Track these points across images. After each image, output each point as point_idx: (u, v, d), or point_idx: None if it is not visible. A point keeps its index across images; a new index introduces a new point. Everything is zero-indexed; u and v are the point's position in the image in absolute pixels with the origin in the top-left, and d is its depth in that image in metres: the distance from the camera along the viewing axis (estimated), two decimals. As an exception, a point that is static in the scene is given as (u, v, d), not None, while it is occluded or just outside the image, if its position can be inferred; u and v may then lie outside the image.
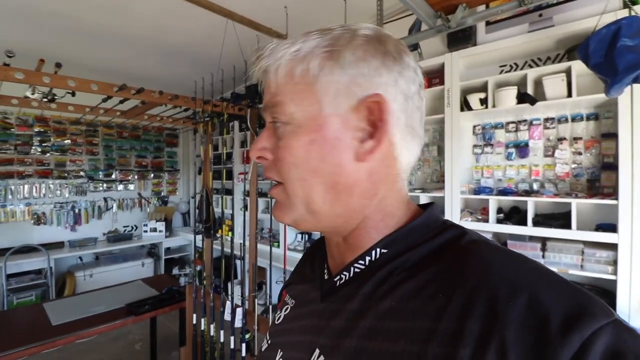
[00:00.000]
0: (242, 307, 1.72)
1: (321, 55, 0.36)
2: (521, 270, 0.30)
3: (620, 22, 1.20)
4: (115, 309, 2.07)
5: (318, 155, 0.36)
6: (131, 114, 2.50)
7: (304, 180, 0.37)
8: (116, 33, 2.54)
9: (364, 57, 0.36)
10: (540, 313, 0.26)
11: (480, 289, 0.29)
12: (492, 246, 0.34)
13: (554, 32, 1.88)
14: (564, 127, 2.02)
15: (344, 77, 0.36)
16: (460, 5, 1.47)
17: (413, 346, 0.30)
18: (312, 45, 0.37)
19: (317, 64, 0.36)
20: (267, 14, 2.48)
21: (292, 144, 0.37)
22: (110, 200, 4.50)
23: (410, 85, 0.38)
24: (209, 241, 2.59)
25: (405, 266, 0.36)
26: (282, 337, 0.45)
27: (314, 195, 0.37)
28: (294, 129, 0.37)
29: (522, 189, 2.12)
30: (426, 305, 0.31)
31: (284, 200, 0.40)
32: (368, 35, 0.37)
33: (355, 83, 0.36)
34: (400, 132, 0.37)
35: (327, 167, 0.36)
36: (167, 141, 5.18)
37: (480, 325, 0.27)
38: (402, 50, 0.38)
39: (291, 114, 0.37)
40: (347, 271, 0.40)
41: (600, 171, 1.89)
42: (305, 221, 0.40)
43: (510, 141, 2.21)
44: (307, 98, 0.36)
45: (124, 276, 3.79)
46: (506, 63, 2.23)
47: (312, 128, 0.36)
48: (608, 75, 1.19)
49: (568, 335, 0.24)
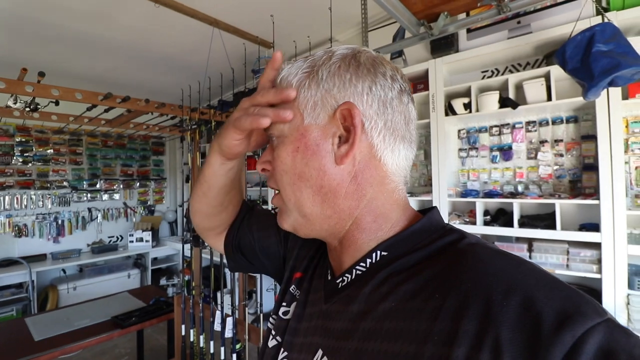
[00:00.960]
0: (233, 316, 1.70)
1: (301, 74, 0.41)
2: (516, 272, 0.31)
3: (594, 29, 1.25)
4: (100, 322, 2.01)
5: (302, 160, 0.40)
6: (116, 123, 2.46)
7: (293, 185, 0.41)
8: (100, 41, 2.51)
9: (337, 72, 0.40)
10: (534, 313, 0.26)
11: (476, 289, 0.30)
12: (489, 248, 0.35)
13: (532, 39, 1.94)
14: (545, 129, 2.08)
15: (320, 91, 0.40)
16: (442, 13, 1.50)
17: (410, 346, 0.30)
18: (295, 67, 0.42)
19: (297, 82, 0.41)
20: (253, 22, 2.49)
21: (281, 153, 0.42)
22: (94, 211, 4.39)
23: (387, 91, 0.40)
24: (197, 250, 2.55)
25: (404, 268, 0.37)
26: (287, 337, 0.47)
27: (304, 199, 0.41)
28: (283, 140, 0.42)
29: (507, 191, 2.17)
30: (423, 306, 0.32)
31: (282, 207, 0.44)
32: (344, 53, 0.41)
33: (330, 95, 0.40)
34: (380, 134, 0.40)
35: (311, 171, 0.40)
36: (154, 149, 5.11)
37: (475, 325, 0.28)
38: (377, 62, 0.41)
39: (281, 129, 0.42)
40: (349, 273, 0.41)
41: (582, 172, 1.95)
42: (301, 225, 0.43)
43: (494, 144, 2.26)
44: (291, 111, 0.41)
45: (110, 288, 3.69)
46: (488, 68, 2.29)
47: (295, 137, 0.41)
48: (585, 79, 1.23)
49: (560, 333, 0.25)
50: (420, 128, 2.48)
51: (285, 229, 0.45)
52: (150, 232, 4.50)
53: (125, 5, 2.12)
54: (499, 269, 0.31)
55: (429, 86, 2.26)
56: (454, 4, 1.48)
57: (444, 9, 1.50)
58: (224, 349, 1.73)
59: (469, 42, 2.17)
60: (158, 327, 3.23)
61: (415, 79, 2.42)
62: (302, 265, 0.54)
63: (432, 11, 1.52)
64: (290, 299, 0.51)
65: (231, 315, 1.68)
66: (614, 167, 1.68)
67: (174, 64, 3.08)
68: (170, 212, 5.17)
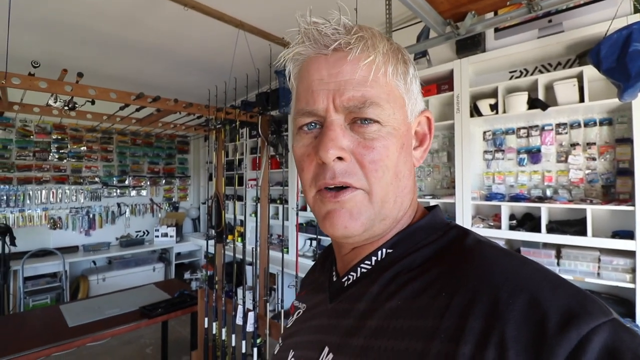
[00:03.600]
0: (254, 311, 1.73)
1: (402, 62, 0.38)
2: (522, 271, 0.31)
3: (631, 27, 1.20)
4: (129, 312, 2.10)
5: (403, 158, 0.38)
6: (146, 122, 2.57)
7: (390, 185, 0.36)
8: (130, 43, 2.63)
9: (415, 72, 0.41)
10: (540, 311, 0.26)
11: (482, 288, 0.30)
12: (495, 247, 0.35)
13: (564, 38, 1.88)
14: (576, 132, 2.00)
15: (415, 87, 0.40)
16: (469, 12, 1.48)
17: (417, 344, 0.30)
18: (392, 47, 0.37)
19: (402, 70, 0.38)
20: (278, 23, 2.54)
21: (390, 145, 0.36)
22: (123, 206, 4.59)
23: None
24: (220, 246, 2.62)
25: (410, 267, 0.36)
26: (293, 338, 0.46)
27: (390, 200, 0.37)
28: (392, 132, 0.36)
29: (534, 195, 2.10)
30: (430, 304, 0.32)
31: (362, 208, 0.36)
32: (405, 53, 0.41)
33: (418, 96, 0.41)
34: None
35: (405, 171, 0.39)
36: (179, 148, 5.28)
37: (481, 323, 0.28)
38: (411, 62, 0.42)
39: (387, 117, 0.36)
40: (354, 272, 0.41)
41: (616, 177, 1.86)
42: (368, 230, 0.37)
43: (522, 147, 2.19)
44: (397, 102, 0.37)
45: (136, 280, 3.85)
46: (516, 69, 2.23)
47: (402, 132, 0.38)
48: (621, 79, 1.19)
49: (566, 332, 0.25)
50: (444, 129, 2.44)
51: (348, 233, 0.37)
52: (174, 228, 4.65)
53: (155, 9, 2.21)
54: (505, 268, 0.31)
55: (454, 87, 2.23)
56: (481, 3, 1.45)
57: (471, 8, 1.48)
58: (245, 342, 1.78)
59: (496, 41, 2.13)
60: (181, 319, 3.34)
61: (439, 79, 2.39)
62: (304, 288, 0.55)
63: (458, 10, 1.50)
64: (295, 311, 0.52)
65: (252, 310, 1.72)
66: (651, 172, 1.59)
67: (200, 65, 3.17)
68: (194, 209, 5.32)
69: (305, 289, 0.54)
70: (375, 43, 0.35)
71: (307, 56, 0.38)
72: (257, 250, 2.02)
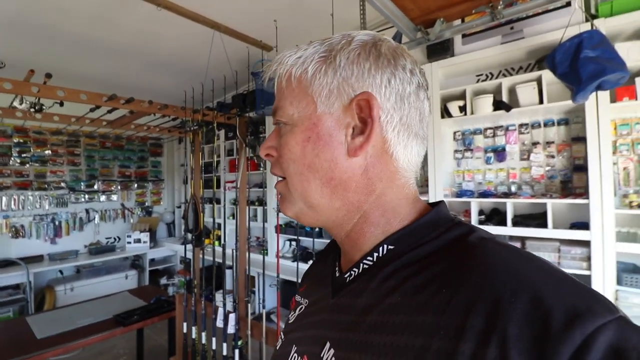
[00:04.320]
0: (235, 312, 1.73)
1: (317, 60, 0.39)
2: (526, 268, 0.30)
3: (582, 36, 1.32)
4: (102, 321, 2.03)
5: (312, 151, 0.39)
6: (118, 124, 2.49)
7: (301, 175, 0.40)
8: (102, 43, 2.54)
9: (356, 60, 0.38)
10: (543, 310, 0.26)
11: (484, 285, 0.29)
12: (499, 243, 0.34)
13: (524, 44, 2.01)
14: (537, 132, 2.15)
15: (336, 79, 0.38)
16: (438, 19, 1.57)
17: (416, 340, 0.30)
18: (312, 51, 0.40)
19: (312, 68, 0.39)
20: (255, 26, 2.54)
21: (290, 141, 0.40)
22: (92, 212, 4.39)
23: (405, 86, 0.39)
24: (197, 250, 2.58)
25: (412, 262, 0.36)
26: (295, 333, 0.47)
27: (311, 190, 0.40)
28: (292, 128, 0.40)
29: (501, 191, 2.23)
30: (430, 301, 0.31)
31: (287, 195, 0.43)
32: (364, 40, 0.39)
33: (347, 84, 0.38)
34: (394, 129, 0.39)
35: (322, 162, 0.39)
36: (152, 151, 5.12)
37: (482, 321, 0.27)
38: (398, 53, 0.40)
39: (290, 115, 0.40)
40: (356, 267, 0.41)
41: (572, 173, 2.02)
42: (306, 215, 0.42)
43: (489, 146, 2.32)
44: (303, 100, 0.40)
45: (107, 289, 3.69)
46: (482, 72, 2.37)
47: (307, 126, 0.39)
48: (573, 83, 1.30)
49: (570, 331, 0.24)
50: (417, 130, 2.54)
51: (287, 216, 0.45)
52: (147, 233, 4.51)
53: (127, 8, 2.15)
54: (509, 265, 0.31)
55: (426, 89, 2.32)
56: (449, 10, 1.54)
57: (440, 15, 1.56)
58: (225, 345, 1.77)
59: (464, 46, 2.24)
60: (156, 327, 3.25)
61: (411, 82, 2.48)
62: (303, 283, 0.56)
63: (428, 17, 1.58)
64: (297, 306, 0.51)
65: (233, 312, 1.72)
66: (602, 168, 1.75)
67: (174, 66, 3.11)
68: (168, 213, 5.18)
69: (306, 283, 0.55)
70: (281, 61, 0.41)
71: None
72: (237, 252, 2.01)
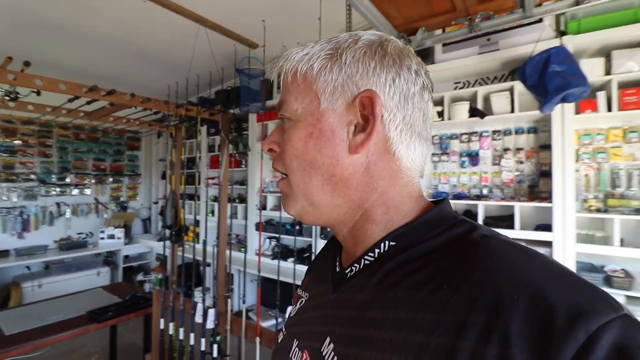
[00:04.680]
0: (215, 307, 1.74)
1: (324, 57, 0.40)
2: (529, 265, 0.30)
3: (550, 51, 1.43)
4: (75, 317, 1.98)
5: (314, 147, 0.39)
6: (96, 115, 2.42)
7: (303, 171, 0.40)
8: (83, 31, 2.47)
9: (362, 58, 0.38)
10: (546, 308, 0.25)
11: (486, 282, 0.29)
12: (502, 241, 0.34)
13: (499, 55, 2.14)
14: (508, 138, 2.28)
15: (341, 76, 0.38)
16: (420, 28, 1.64)
17: (416, 336, 0.30)
18: (319, 49, 0.40)
19: (318, 65, 0.39)
20: (241, 23, 2.54)
21: (292, 137, 0.41)
22: (63, 206, 4.22)
23: (409, 86, 0.39)
24: (175, 247, 2.55)
25: (413, 259, 0.36)
26: (297, 327, 0.48)
27: (313, 187, 0.40)
28: (295, 124, 0.41)
29: (474, 193, 2.35)
30: (431, 297, 0.31)
31: (289, 192, 0.43)
32: (371, 39, 0.40)
33: (352, 81, 0.38)
34: (397, 128, 0.39)
35: (323, 158, 0.39)
36: (129, 144, 4.99)
37: (483, 318, 0.27)
38: (404, 54, 0.40)
39: (294, 111, 0.41)
40: (357, 263, 0.41)
41: (539, 178, 2.16)
42: (308, 213, 0.42)
43: (464, 150, 2.44)
44: (308, 96, 0.40)
45: (78, 286, 3.55)
46: (460, 80, 2.48)
47: (310, 122, 0.40)
48: (541, 95, 1.41)
49: (573, 329, 0.24)
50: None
51: (290, 214, 0.44)
52: (122, 229, 4.39)
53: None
54: (511, 262, 0.30)
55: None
56: (430, 20, 1.62)
57: (421, 24, 1.64)
58: (204, 340, 1.77)
59: (444, 54, 2.35)
60: (129, 325, 3.18)
61: (393, 86, 2.56)
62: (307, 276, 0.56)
63: (411, 26, 1.66)
64: (298, 299, 0.52)
65: (213, 307, 1.73)
66: (565, 174, 1.88)
67: (157, 59, 3.06)
68: (144, 209, 5.06)
69: (308, 277, 0.55)
70: (288, 57, 0.42)
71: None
72: (218, 249, 2.01)
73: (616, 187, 1.97)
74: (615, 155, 1.99)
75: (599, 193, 2.02)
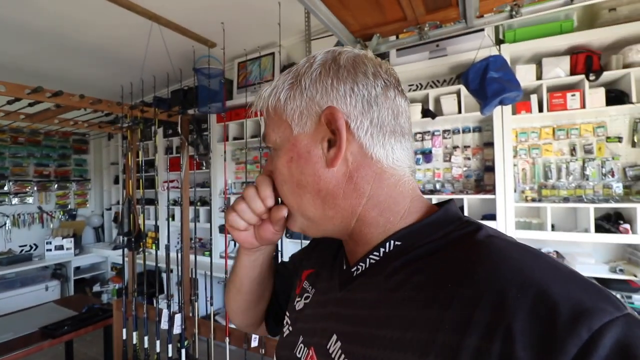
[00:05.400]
0: (181, 312, 1.71)
1: (286, 87, 0.43)
2: (533, 264, 0.30)
3: (488, 59, 1.59)
4: (26, 335, 1.84)
5: (297, 169, 0.42)
6: (39, 118, 2.24)
7: (293, 193, 0.43)
8: (21, 25, 2.28)
9: (318, 78, 0.41)
10: (549, 305, 0.26)
11: (490, 280, 0.29)
12: (507, 241, 0.35)
13: (447, 60, 2.31)
14: (457, 137, 2.48)
15: (304, 100, 0.41)
16: (375, 34, 1.74)
17: (422, 334, 0.31)
18: (282, 80, 0.44)
19: (284, 95, 0.43)
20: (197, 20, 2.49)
21: (278, 164, 0.44)
22: (2, 217, 3.85)
23: (370, 90, 0.40)
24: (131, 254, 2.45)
25: (419, 258, 0.37)
26: (303, 324, 0.49)
27: (305, 204, 0.43)
28: (277, 152, 0.44)
29: (428, 188, 2.52)
30: (436, 296, 0.32)
31: (289, 213, 0.47)
32: (324, 59, 0.42)
33: (313, 102, 0.40)
34: (367, 133, 0.40)
35: (307, 177, 0.41)
36: (75, 147, 4.65)
37: (487, 315, 0.27)
38: (357, 61, 0.42)
39: (274, 141, 0.44)
40: (363, 262, 0.42)
41: (484, 172, 2.37)
42: (309, 227, 0.45)
43: (418, 149, 2.61)
44: (281, 125, 0.43)
45: (24, 303, 3.27)
46: (413, 83, 2.64)
47: (288, 148, 0.42)
48: (481, 98, 1.56)
49: (576, 327, 0.24)
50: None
51: (295, 231, 0.48)
52: (71, 239, 4.10)
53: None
54: (516, 261, 0.31)
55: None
56: (384, 27, 1.73)
57: (376, 31, 1.74)
58: (171, 346, 1.74)
59: (398, 59, 2.48)
60: (85, 340, 3.00)
61: (352, 88, 2.66)
62: (312, 263, 0.56)
63: (366, 32, 1.75)
64: (303, 293, 0.53)
65: (179, 312, 1.70)
66: (505, 169, 2.10)
67: (106, 57, 2.90)
68: (96, 216, 4.75)
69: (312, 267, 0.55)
70: (261, 96, 0.45)
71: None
72: (181, 253, 1.98)
73: (548, 179, 2.23)
74: (546, 150, 2.24)
75: (534, 184, 2.27)
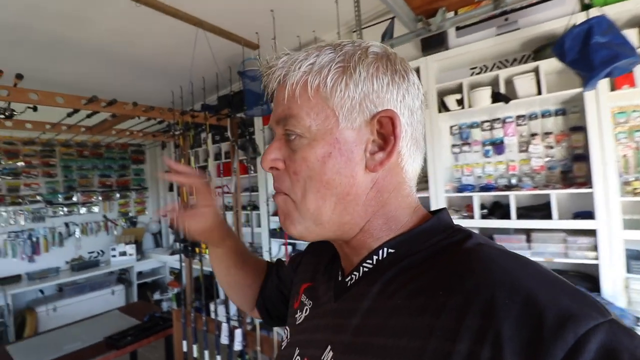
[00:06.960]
0: (241, 327, 1.62)
1: (335, 70, 0.38)
2: (521, 272, 0.31)
3: (591, 22, 1.29)
4: (93, 344, 1.88)
5: (334, 167, 0.38)
6: (98, 130, 2.31)
7: (317, 192, 0.39)
8: (75, 44, 2.37)
9: (375, 74, 0.38)
10: (536, 311, 0.26)
11: (480, 287, 0.30)
12: (495, 248, 0.35)
13: (519, 35, 1.99)
14: (535, 123, 2.14)
15: (357, 93, 0.37)
16: (440, 9, 1.51)
17: (415, 342, 0.31)
18: (327, 59, 0.38)
19: (331, 79, 0.38)
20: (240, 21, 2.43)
21: (309, 156, 0.38)
22: (72, 225, 4.14)
23: (415, 101, 0.40)
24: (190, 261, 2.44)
25: (413, 266, 0.37)
26: (299, 336, 0.48)
27: (325, 208, 0.39)
28: (310, 142, 0.39)
29: (501, 184, 2.21)
30: (428, 303, 0.32)
31: (291, 212, 0.41)
32: (377, 53, 0.39)
33: (369, 99, 0.38)
34: (407, 144, 0.40)
35: (342, 178, 0.38)
36: (133, 158, 4.90)
37: (477, 321, 0.28)
38: (408, 69, 0.41)
39: (307, 127, 0.38)
40: (356, 271, 0.41)
41: (572, 162, 2.01)
42: (312, 233, 0.41)
43: (487, 139, 2.30)
44: (322, 112, 0.38)
45: (93, 307, 3.49)
46: (476, 65, 2.33)
47: (328, 141, 0.38)
48: (585, 69, 1.27)
49: (562, 332, 0.25)
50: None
51: (291, 234, 0.43)
52: (134, 245, 4.31)
53: (102, 5, 2.00)
54: (504, 269, 0.31)
55: (422, 84, 2.28)
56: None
57: (442, 4, 1.51)
58: (231, 362, 1.66)
59: (458, 39, 2.21)
60: (150, 346, 3.08)
61: (406, 77, 2.44)
62: (309, 276, 0.54)
63: (430, 7, 1.53)
64: (302, 307, 0.51)
65: (239, 327, 1.61)
66: (605, 157, 1.74)
67: (156, 67, 2.95)
68: (154, 223, 4.97)
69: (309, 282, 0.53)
70: (290, 66, 0.39)
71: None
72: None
73: (658, 166, 1.82)
74: (654, 132, 1.84)
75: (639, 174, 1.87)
